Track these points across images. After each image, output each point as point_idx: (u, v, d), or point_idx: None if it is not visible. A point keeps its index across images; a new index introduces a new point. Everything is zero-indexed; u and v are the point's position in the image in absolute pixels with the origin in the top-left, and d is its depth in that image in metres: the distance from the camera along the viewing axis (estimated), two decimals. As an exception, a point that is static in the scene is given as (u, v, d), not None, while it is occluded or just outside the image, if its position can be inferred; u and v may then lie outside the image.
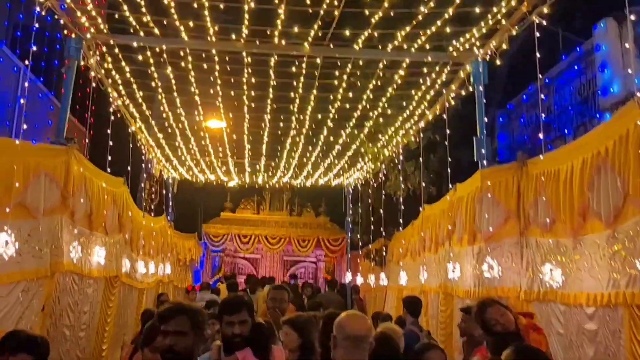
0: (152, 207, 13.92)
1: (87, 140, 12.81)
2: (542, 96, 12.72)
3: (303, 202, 19.25)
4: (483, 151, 7.72)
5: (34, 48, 7.09)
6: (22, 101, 8.66)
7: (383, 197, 11.70)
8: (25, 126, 5.83)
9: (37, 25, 6.17)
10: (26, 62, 8.40)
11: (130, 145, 10.03)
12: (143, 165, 11.49)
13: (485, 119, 7.96)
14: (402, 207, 10.44)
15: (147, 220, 10.37)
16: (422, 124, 9.75)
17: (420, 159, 9.94)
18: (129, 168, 9.45)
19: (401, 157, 10.22)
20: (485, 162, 7.66)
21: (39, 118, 9.52)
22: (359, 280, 14.09)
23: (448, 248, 8.43)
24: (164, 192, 14.51)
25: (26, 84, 6.84)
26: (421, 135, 9.86)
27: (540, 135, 7.32)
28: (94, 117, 10.22)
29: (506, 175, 6.76)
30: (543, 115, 12.17)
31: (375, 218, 13.73)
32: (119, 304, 8.46)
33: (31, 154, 5.84)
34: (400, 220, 11.33)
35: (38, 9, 6.24)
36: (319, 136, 10.52)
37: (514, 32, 6.87)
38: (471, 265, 7.47)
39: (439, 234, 8.84)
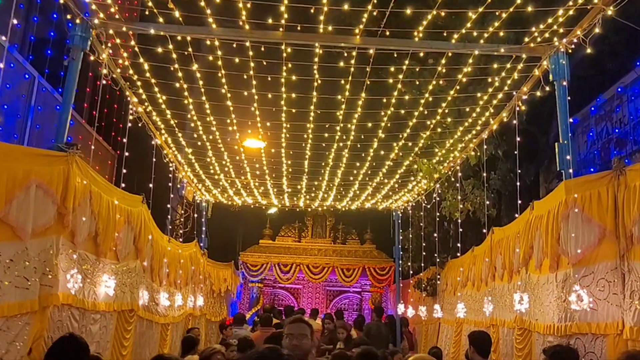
0: (183, 232, 12.85)
1: (114, 163, 11.89)
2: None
3: (347, 228, 17.94)
4: (568, 158, 6.30)
5: (50, 53, 6.17)
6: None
7: (437, 219, 10.28)
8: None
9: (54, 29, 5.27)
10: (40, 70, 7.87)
11: (154, 159, 8.95)
12: (170, 184, 10.36)
13: (570, 120, 6.56)
14: (460, 229, 8.99)
15: (173, 246, 9.24)
16: (484, 135, 8.38)
17: (484, 174, 8.58)
18: (150, 185, 8.35)
19: (459, 174, 8.82)
20: (571, 172, 6.27)
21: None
22: (410, 312, 12.61)
23: (525, 276, 7.04)
24: (197, 216, 13.42)
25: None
26: (484, 147, 8.48)
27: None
28: (115, 130, 9.24)
29: (598, 187, 5.48)
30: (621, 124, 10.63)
31: (427, 244, 12.32)
32: (135, 341, 7.29)
33: (19, 160, 4.78)
34: (459, 245, 9.88)
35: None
36: (367, 149, 9.25)
37: (610, 12, 5.52)
38: (554, 296, 6.07)
39: (513, 260, 7.41)
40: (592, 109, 13.59)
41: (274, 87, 7.68)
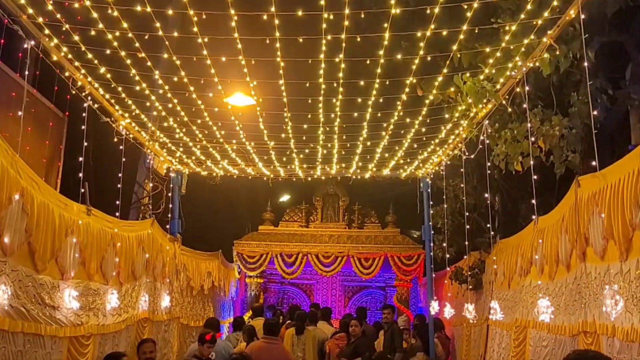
0: (154, 214, 9.87)
1: (59, 125, 9.05)
2: None
3: (365, 209, 14.72)
4: None
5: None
6: None
7: (487, 172, 7.02)
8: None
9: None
10: None
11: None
12: (122, 157, 7.47)
13: None
14: (533, 188, 5.72)
15: (98, 221, 6.25)
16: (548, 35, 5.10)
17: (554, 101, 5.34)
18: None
19: (526, 87, 5.47)
20: None
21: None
22: (448, 311, 9.44)
23: None
24: (170, 194, 10.42)
25: None
26: (559, 51, 5.25)
27: None
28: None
29: None
30: None
31: (469, 221, 9.13)
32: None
33: None
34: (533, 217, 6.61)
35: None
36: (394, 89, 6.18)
37: None
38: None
39: (633, 220, 4.26)
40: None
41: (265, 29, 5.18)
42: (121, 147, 7.22)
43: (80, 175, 6.21)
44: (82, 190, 6.06)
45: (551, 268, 6.11)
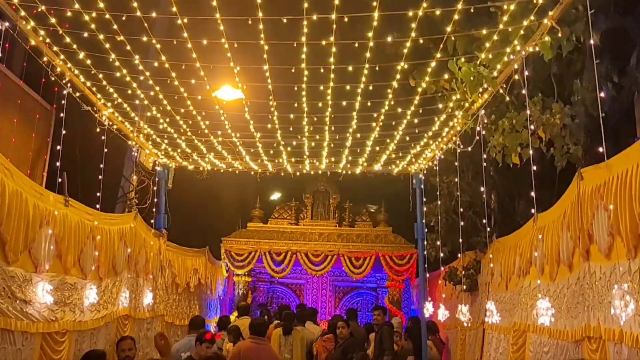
0: (141, 209, 9.52)
1: (45, 118, 8.72)
2: None
3: (356, 207, 14.43)
4: None
5: None
6: None
7: (484, 164, 6.72)
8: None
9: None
10: None
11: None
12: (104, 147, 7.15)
13: None
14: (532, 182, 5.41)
15: (77, 213, 5.93)
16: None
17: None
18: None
19: (525, 72, 5.16)
20: None
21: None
22: (442, 313, 9.11)
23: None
24: (155, 188, 10.08)
25: None
26: (561, 34, 4.97)
27: None
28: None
29: None
30: None
31: (463, 219, 8.83)
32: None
33: None
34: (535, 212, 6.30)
35: None
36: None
37: None
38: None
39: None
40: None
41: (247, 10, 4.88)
42: (103, 138, 6.89)
43: (58, 164, 5.86)
44: (60, 180, 5.73)
45: (552, 268, 5.75)
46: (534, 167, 5.30)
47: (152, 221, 9.25)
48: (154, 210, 9.55)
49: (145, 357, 8.85)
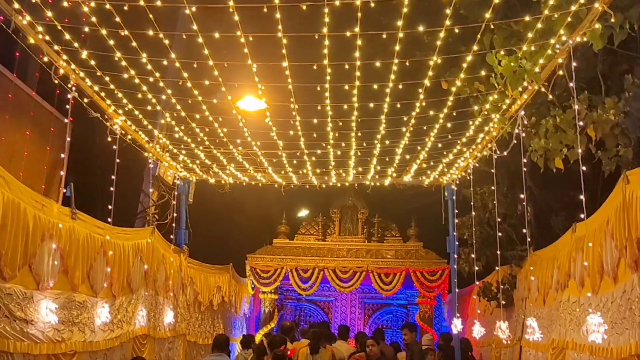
0: (161, 224, 9.23)
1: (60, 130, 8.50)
2: None
3: (386, 222, 13.93)
4: None
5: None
6: None
7: (524, 169, 6.17)
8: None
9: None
10: None
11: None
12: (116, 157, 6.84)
13: None
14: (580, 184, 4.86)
15: (85, 226, 5.60)
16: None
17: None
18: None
19: (573, 63, 4.61)
20: None
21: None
22: (477, 330, 8.56)
23: None
24: (175, 202, 9.75)
25: None
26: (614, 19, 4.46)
27: None
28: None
29: None
30: None
31: (501, 229, 8.29)
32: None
33: None
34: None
35: None
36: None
37: None
38: None
39: None
40: None
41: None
42: (115, 147, 6.56)
43: (62, 173, 5.55)
44: (64, 191, 5.43)
45: (594, 280, 5.34)
46: (584, 168, 4.77)
47: (172, 237, 8.93)
48: (174, 225, 9.22)
49: (166, 378, 8.51)
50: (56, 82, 5.45)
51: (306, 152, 7.85)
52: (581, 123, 5.00)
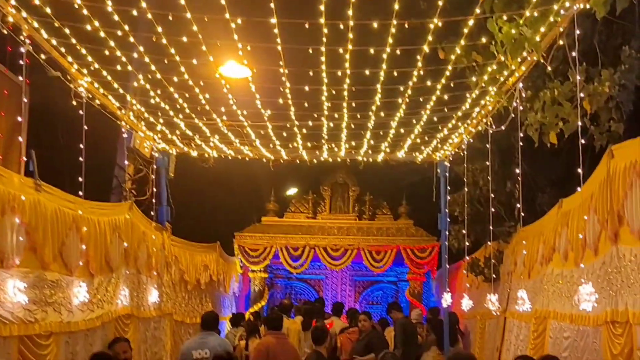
0: (139, 200, 8.88)
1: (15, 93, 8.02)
2: None
3: (377, 200, 13.80)
4: None
5: None
6: None
7: (520, 144, 5.99)
8: None
9: None
10: None
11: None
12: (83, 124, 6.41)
13: None
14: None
15: (52, 199, 5.31)
16: None
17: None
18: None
19: (577, 31, 4.36)
20: None
21: None
22: (466, 303, 8.60)
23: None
24: (161, 178, 9.44)
25: None
26: None
27: None
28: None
29: None
30: None
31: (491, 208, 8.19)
32: None
33: None
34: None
35: None
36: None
37: None
38: None
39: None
40: None
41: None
42: (81, 112, 6.12)
43: (20, 139, 5.13)
44: (25, 159, 5.09)
45: (577, 253, 5.58)
46: (582, 141, 4.61)
47: (152, 214, 8.63)
48: (154, 202, 8.89)
49: (154, 358, 8.32)
50: (5, 32, 4.91)
51: (297, 124, 7.51)
52: (582, 95, 4.78)
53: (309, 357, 7.14)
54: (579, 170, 4.66)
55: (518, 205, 6.91)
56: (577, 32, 4.46)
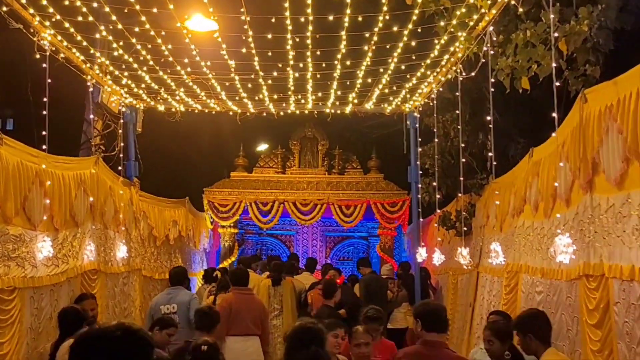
0: (107, 156, 8.65)
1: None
2: None
3: (346, 154, 13.73)
4: None
5: None
6: None
7: (491, 90, 5.92)
8: None
9: None
10: None
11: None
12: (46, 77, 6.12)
13: None
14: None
15: (13, 153, 5.09)
16: None
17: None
18: None
19: None
20: None
21: None
22: (438, 257, 8.56)
23: None
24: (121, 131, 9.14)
25: None
26: None
27: None
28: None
29: None
30: None
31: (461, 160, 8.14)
32: None
33: None
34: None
35: None
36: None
37: None
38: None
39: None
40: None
41: None
42: (45, 65, 5.88)
43: None
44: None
45: (547, 204, 5.35)
46: (557, 83, 4.49)
47: (120, 169, 8.43)
48: (122, 157, 8.68)
49: (123, 313, 8.24)
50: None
51: (261, 74, 7.32)
52: (556, 34, 4.66)
53: (321, 312, 7.03)
54: (554, 115, 4.50)
55: (490, 155, 6.78)
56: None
